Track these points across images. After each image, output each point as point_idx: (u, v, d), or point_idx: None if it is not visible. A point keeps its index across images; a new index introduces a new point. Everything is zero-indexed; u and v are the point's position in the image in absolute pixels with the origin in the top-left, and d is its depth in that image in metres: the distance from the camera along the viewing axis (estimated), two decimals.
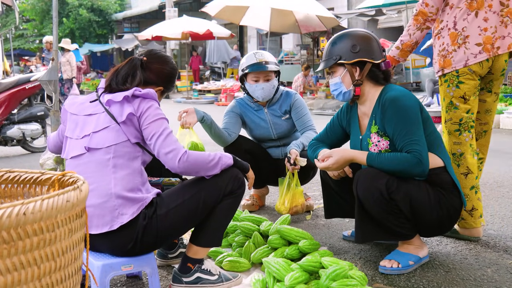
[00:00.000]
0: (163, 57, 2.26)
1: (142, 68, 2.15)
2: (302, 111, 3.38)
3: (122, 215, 1.90)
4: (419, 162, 2.25)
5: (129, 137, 1.97)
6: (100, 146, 1.95)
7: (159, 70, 2.20)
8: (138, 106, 1.99)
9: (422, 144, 2.28)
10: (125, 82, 2.07)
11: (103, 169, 1.94)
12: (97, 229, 1.91)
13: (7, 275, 1.09)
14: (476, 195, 2.74)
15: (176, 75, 2.30)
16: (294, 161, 3.09)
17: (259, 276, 2.20)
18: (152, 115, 2.00)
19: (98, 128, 1.98)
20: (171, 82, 2.25)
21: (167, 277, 2.37)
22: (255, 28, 17.58)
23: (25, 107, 6.64)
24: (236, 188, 2.10)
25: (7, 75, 9.60)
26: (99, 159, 1.95)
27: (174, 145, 1.98)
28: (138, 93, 2.00)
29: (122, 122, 1.96)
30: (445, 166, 2.40)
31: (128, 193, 1.92)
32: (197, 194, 2.03)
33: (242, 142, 3.37)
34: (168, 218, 1.97)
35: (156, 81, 2.19)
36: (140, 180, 1.99)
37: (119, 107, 1.99)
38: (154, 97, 2.04)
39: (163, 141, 1.97)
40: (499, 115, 8.38)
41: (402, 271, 2.35)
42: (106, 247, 1.97)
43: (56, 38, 3.96)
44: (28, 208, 1.10)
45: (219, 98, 15.76)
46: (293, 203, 3.14)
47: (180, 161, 1.96)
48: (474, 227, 2.76)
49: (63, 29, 25.16)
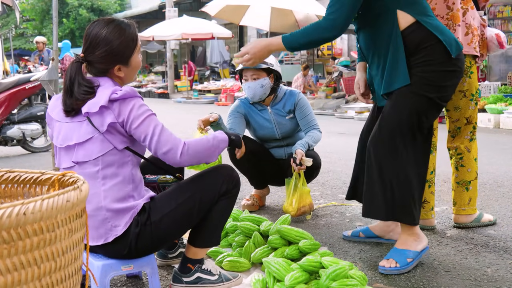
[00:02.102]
0: (97, 38, 1.94)
1: (89, 64, 1.97)
2: (306, 110, 3.38)
3: (115, 227, 1.89)
4: (330, 27, 2.33)
5: (115, 145, 1.88)
6: (87, 159, 1.89)
7: (101, 56, 1.94)
8: (119, 112, 1.86)
9: (343, 10, 2.30)
10: (85, 94, 1.89)
11: (93, 182, 1.88)
12: (93, 241, 1.91)
13: (7, 275, 1.09)
14: (430, 188, 2.89)
15: (125, 42, 1.96)
16: (300, 161, 3.09)
17: (259, 276, 2.20)
18: (137, 116, 1.88)
19: (82, 140, 1.89)
20: (124, 55, 1.98)
21: (167, 277, 2.37)
22: (255, 28, 17.56)
23: (25, 107, 6.64)
24: (231, 188, 2.09)
25: (7, 75, 9.59)
26: (88, 172, 1.89)
27: (170, 142, 1.91)
28: (114, 97, 1.86)
29: (105, 132, 1.87)
30: (417, 21, 2.33)
31: (118, 204, 1.89)
32: (192, 196, 2.01)
33: (246, 143, 3.36)
34: (163, 223, 1.95)
35: (107, 66, 1.96)
36: (131, 186, 1.93)
37: (98, 116, 1.87)
38: (133, 94, 1.90)
39: (157, 142, 1.90)
40: (499, 115, 8.37)
41: (401, 270, 2.35)
42: (102, 253, 1.99)
43: (56, 38, 3.96)
44: (28, 208, 1.10)
45: (219, 98, 15.77)
46: (301, 203, 3.15)
47: (182, 156, 1.92)
48: (425, 218, 2.92)
49: (63, 29, 25.18)
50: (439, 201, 3.67)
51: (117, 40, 1.95)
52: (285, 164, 3.33)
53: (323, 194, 3.94)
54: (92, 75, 2.00)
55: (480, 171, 4.73)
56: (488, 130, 8.18)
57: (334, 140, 7.16)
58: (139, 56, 2.06)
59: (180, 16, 16.75)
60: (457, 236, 2.89)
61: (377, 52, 2.44)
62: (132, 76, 2.07)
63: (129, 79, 2.07)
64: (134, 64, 2.03)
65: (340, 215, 3.36)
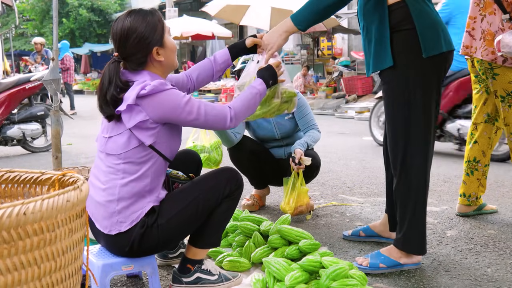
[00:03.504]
0: (123, 31, 1.94)
1: (126, 60, 1.97)
2: (304, 110, 3.38)
3: (120, 223, 1.91)
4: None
5: (143, 140, 1.90)
6: (114, 153, 1.93)
7: (133, 44, 1.93)
8: (152, 109, 1.88)
9: None
10: (118, 94, 1.91)
11: (113, 175, 1.93)
12: (97, 224, 1.95)
13: (7, 275, 1.09)
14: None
15: (151, 23, 1.95)
16: (299, 161, 3.09)
17: (259, 276, 2.20)
18: (172, 108, 1.89)
19: (113, 134, 1.94)
20: (155, 35, 1.96)
21: (167, 277, 2.37)
22: (255, 28, 17.56)
23: (25, 107, 6.63)
24: (234, 190, 2.10)
25: (7, 75, 9.59)
26: (111, 163, 1.94)
27: (217, 116, 1.98)
28: (143, 93, 1.86)
29: (132, 127, 1.90)
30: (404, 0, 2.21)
31: (129, 201, 1.91)
32: (197, 198, 2.01)
33: (246, 143, 3.38)
34: (169, 226, 1.96)
35: (144, 53, 1.96)
36: (147, 186, 1.94)
37: (128, 113, 1.90)
38: (162, 88, 1.88)
39: (205, 122, 1.97)
40: None
41: (368, 271, 2.35)
42: (104, 243, 2.01)
43: (56, 38, 3.94)
44: (28, 208, 1.10)
45: (219, 98, 15.77)
46: (298, 203, 3.14)
47: (231, 122, 2.02)
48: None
49: (63, 29, 25.17)
50: (439, 201, 3.67)
51: (143, 24, 1.94)
52: (284, 164, 3.33)
53: (323, 194, 3.94)
54: (132, 71, 1.99)
55: None
56: None
57: (334, 140, 7.16)
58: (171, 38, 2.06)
59: (180, 16, 16.75)
60: (457, 236, 2.89)
61: (366, 25, 2.33)
62: (172, 59, 2.04)
63: (171, 63, 2.04)
64: (169, 44, 2.02)
65: (340, 215, 3.36)
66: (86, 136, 8.03)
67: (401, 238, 2.37)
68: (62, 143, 4.19)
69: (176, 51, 2.08)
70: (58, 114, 3.94)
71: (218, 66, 2.33)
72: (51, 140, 3.98)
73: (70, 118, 7.28)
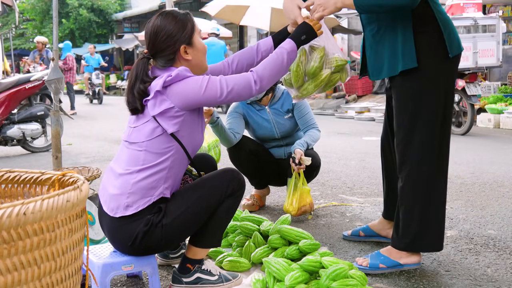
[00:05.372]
0: (154, 28, 2.02)
1: (155, 58, 2.05)
2: (304, 110, 3.37)
3: (127, 206, 1.94)
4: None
5: (166, 128, 1.95)
6: (137, 141, 1.98)
7: (162, 40, 2.01)
8: (176, 95, 1.93)
9: None
10: (145, 87, 1.98)
11: (134, 161, 1.97)
12: (105, 207, 1.98)
13: (7, 275, 1.09)
14: None
15: (181, 22, 2.03)
16: (299, 161, 3.09)
17: (259, 276, 2.19)
18: (194, 89, 1.94)
19: (138, 124, 1.99)
20: (183, 33, 2.02)
21: (167, 277, 2.37)
22: (255, 28, 17.57)
23: (25, 107, 6.64)
24: (237, 189, 2.10)
25: (7, 75, 9.59)
26: (133, 152, 1.99)
27: (241, 85, 1.98)
28: (168, 80, 1.93)
29: (157, 115, 1.95)
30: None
31: (142, 188, 1.94)
32: (200, 198, 2.03)
33: (246, 143, 3.37)
34: (173, 225, 1.98)
35: (172, 49, 2.02)
36: (162, 178, 1.97)
37: (153, 101, 1.95)
38: (185, 74, 1.95)
39: (229, 95, 1.97)
40: (499, 115, 8.37)
41: (368, 271, 2.35)
42: (107, 229, 2.02)
43: (56, 38, 3.94)
44: (28, 208, 1.10)
45: None
46: (301, 203, 3.15)
47: (256, 85, 2.01)
48: None
49: (63, 29, 25.16)
50: None
51: (172, 22, 2.02)
52: (284, 164, 3.33)
53: (323, 194, 3.94)
54: (160, 67, 2.04)
55: (480, 171, 4.74)
56: (488, 130, 8.18)
57: (334, 140, 7.16)
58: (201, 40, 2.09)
59: None
60: (457, 236, 2.89)
61: (379, 26, 2.28)
62: (200, 59, 2.08)
63: (200, 63, 2.09)
64: (198, 45, 2.07)
65: (340, 215, 3.36)
66: (86, 136, 8.03)
67: (411, 238, 2.34)
68: (62, 143, 4.19)
69: (205, 52, 2.11)
70: (58, 114, 3.95)
71: (260, 54, 2.33)
72: (51, 140, 3.98)
73: (70, 118, 7.28)
